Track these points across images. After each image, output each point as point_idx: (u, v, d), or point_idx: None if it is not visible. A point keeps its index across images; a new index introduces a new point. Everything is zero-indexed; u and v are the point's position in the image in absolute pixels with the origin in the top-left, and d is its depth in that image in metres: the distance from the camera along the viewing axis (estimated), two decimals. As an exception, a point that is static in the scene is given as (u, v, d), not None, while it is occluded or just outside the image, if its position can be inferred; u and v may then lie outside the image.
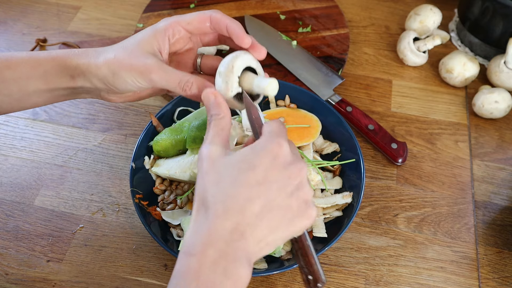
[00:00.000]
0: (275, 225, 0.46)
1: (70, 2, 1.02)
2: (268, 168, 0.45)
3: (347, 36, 0.94)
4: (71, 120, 0.84)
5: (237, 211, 0.44)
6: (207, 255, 0.43)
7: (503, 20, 0.85)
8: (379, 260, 0.69)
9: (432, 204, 0.74)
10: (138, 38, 0.57)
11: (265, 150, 0.46)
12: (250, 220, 0.44)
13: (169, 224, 0.68)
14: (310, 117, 0.75)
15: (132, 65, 0.55)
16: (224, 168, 0.46)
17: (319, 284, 0.50)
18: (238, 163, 0.46)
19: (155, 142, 0.71)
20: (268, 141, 0.47)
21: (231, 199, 0.44)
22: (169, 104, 0.76)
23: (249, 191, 0.44)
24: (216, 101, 0.51)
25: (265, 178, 0.45)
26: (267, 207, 0.45)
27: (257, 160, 0.45)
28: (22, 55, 0.58)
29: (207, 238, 0.44)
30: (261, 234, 0.45)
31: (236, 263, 0.43)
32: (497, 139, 0.82)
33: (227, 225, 0.44)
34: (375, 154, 0.80)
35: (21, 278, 0.67)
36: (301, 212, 0.47)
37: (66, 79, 0.58)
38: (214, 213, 0.44)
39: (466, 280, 0.68)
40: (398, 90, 0.88)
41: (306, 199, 0.47)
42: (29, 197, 0.75)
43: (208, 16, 0.57)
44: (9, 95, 0.58)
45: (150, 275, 0.67)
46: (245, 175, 0.45)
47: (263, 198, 0.45)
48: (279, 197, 0.45)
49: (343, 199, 0.69)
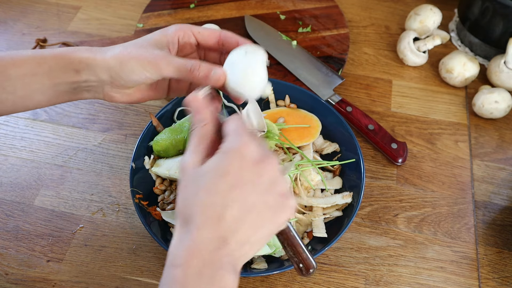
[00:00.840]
0: (256, 224, 0.46)
1: (70, 2, 1.02)
2: (239, 170, 0.45)
3: (347, 36, 0.94)
4: (71, 120, 0.84)
5: (216, 219, 0.44)
6: (191, 265, 0.44)
7: (503, 20, 0.85)
8: (379, 260, 0.69)
9: (432, 204, 0.74)
10: (148, 37, 0.58)
11: (233, 153, 0.46)
12: (231, 226, 0.45)
13: (169, 224, 0.68)
14: (310, 117, 0.75)
15: (141, 55, 0.55)
16: (200, 178, 0.46)
17: (311, 270, 0.52)
18: (212, 170, 0.46)
19: (155, 142, 0.71)
20: (234, 142, 0.47)
21: (209, 208, 0.45)
22: (169, 104, 0.76)
23: (225, 197, 0.45)
24: (201, 106, 0.51)
25: (238, 181, 0.45)
26: (244, 209, 0.45)
27: (227, 165, 0.46)
28: (27, 53, 0.59)
29: (190, 249, 0.44)
30: (243, 237, 0.45)
31: (221, 270, 0.44)
32: (497, 139, 0.82)
33: (209, 234, 0.44)
34: (375, 154, 0.80)
35: (21, 278, 0.67)
36: (279, 206, 0.47)
37: (71, 74, 0.58)
38: (195, 224, 0.45)
39: (466, 280, 0.68)
40: (398, 90, 0.88)
41: (281, 192, 0.47)
42: (29, 197, 0.75)
43: (219, 33, 0.59)
44: (14, 93, 0.58)
45: (150, 275, 0.67)
46: (219, 182, 0.45)
47: (240, 201, 0.45)
48: (255, 197, 0.46)
49: (343, 199, 0.69)
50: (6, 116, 0.84)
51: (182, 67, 0.55)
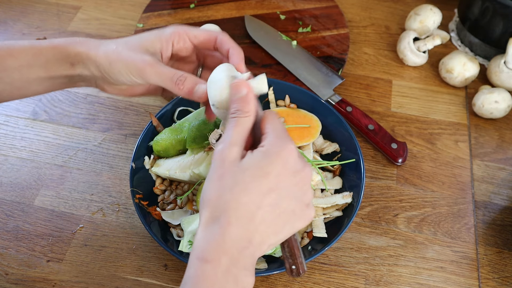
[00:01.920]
0: (279, 229, 0.47)
1: (70, 2, 1.02)
2: (279, 174, 0.46)
3: (347, 36, 0.94)
4: (71, 120, 0.84)
5: (248, 219, 0.45)
6: (221, 263, 0.44)
7: (503, 20, 0.85)
8: (379, 260, 0.69)
9: (432, 204, 0.74)
10: (142, 37, 0.58)
11: (276, 156, 0.46)
12: (258, 226, 0.45)
13: (169, 224, 0.68)
14: (310, 117, 0.75)
15: (128, 58, 0.55)
16: (239, 173, 0.45)
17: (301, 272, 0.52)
18: (252, 169, 0.45)
19: (155, 142, 0.71)
20: (279, 146, 0.47)
21: (243, 206, 0.45)
22: (169, 104, 0.76)
23: (261, 198, 0.45)
24: (248, 96, 0.49)
25: (276, 184, 0.46)
26: (274, 213, 0.46)
27: (269, 167, 0.46)
28: (24, 43, 0.59)
29: (221, 245, 0.44)
30: (265, 238, 0.46)
31: (245, 271, 0.45)
32: (497, 139, 0.82)
33: (239, 232, 0.44)
34: (375, 154, 0.80)
35: (21, 278, 0.67)
36: (302, 215, 0.48)
37: (66, 67, 0.58)
38: (227, 220, 0.44)
39: (466, 280, 0.68)
40: (398, 90, 0.88)
41: (307, 203, 0.49)
42: (29, 197, 0.75)
43: (215, 36, 0.58)
44: (11, 83, 0.59)
45: (150, 275, 0.67)
46: (258, 182, 0.45)
47: (273, 205, 0.46)
48: (286, 203, 0.46)
49: (343, 199, 0.69)
50: (6, 116, 0.84)
51: (167, 78, 0.55)
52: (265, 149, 0.47)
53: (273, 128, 0.48)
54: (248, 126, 0.48)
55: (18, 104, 0.85)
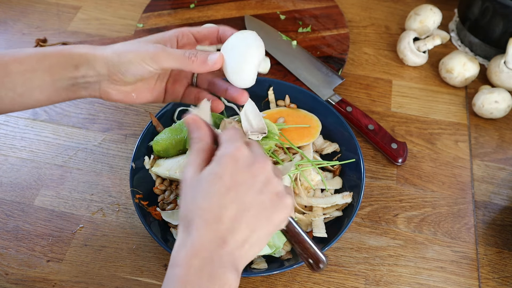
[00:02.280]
0: (254, 224, 0.47)
1: (70, 2, 1.02)
2: (233, 172, 0.47)
3: (347, 36, 0.94)
4: (71, 120, 0.84)
5: (214, 220, 0.46)
6: (192, 264, 0.45)
7: (503, 20, 0.85)
8: (379, 260, 0.69)
9: (432, 204, 0.74)
10: (147, 38, 0.60)
11: (226, 157, 0.48)
12: (228, 225, 0.46)
13: (169, 224, 0.68)
14: (310, 117, 0.75)
15: (140, 48, 0.57)
16: (198, 184, 0.48)
17: (321, 264, 0.52)
18: (207, 176, 0.48)
19: (155, 142, 0.71)
20: (227, 148, 0.49)
21: (207, 211, 0.46)
22: (169, 104, 0.76)
23: (221, 198, 0.47)
24: (196, 125, 0.53)
25: (232, 182, 0.47)
26: (241, 209, 0.47)
27: (221, 168, 0.47)
28: (29, 50, 0.60)
29: (191, 250, 0.46)
30: (242, 236, 0.47)
31: (222, 268, 0.45)
32: (497, 139, 0.82)
33: (208, 235, 0.46)
34: (375, 154, 0.80)
35: (21, 278, 0.67)
36: (275, 205, 0.49)
37: (70, 69, 0.59)
38: (195, 227, 0.46)
39: (466, 280, 0.68)
40: (398, 90, 0.88)
41: (276, 192, 0.49)
42: (29, 197, 0.75)
43: (217, 28, 0.61)
44: (13, 89, 0.59)
45: (150, 275, 0.67)
46: (214, 185, 0.47)
47: (236, 201, 0.47)
48: (250, 197, 0.47)
49: (343, 199, 0.69)
50: (6, 116, 0.84)
51: (180, 56, 0.57)
52: (216, 156, 0.49)
53: (224, 138, 0.51)
54: (201, 148, 0.51)
55: (18, 104, 0.86)
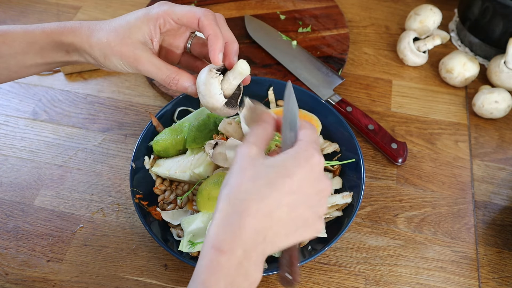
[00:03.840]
0: (291, 233, 0.47)
1: (70, 2, 1.02)
2: (303, 179, 0.46)
3: (347, 36, 0.94)
4: (71, 120, 0.84)
5: (267, 214, 0.45)
6: (235, 255, 0.44)
7: (503, 20, 0.85)
8: (379, 260, 0.69)
9: (432, 204, 0.74)
10: (130, 22, 0.59)
11: (305, 161, 0.46)
12: (274, 225, 0.45)
13: (169, 224, 0.68)
14: (310, 117, 0.75)
15: (122, 53, 0.58)
16: (263, 168, 0.46)
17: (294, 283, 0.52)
18: (277, 166, 0.46)
19: (155, 142, 0.71)
20: (308, 152, 0.47)
21: (265, 200, 0.44)
22: (169, 104, 0.76)
23: (282, 197, 0.45)
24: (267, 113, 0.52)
25: (298, 188, 0.46)
26: (290, 215, 0.46)
27: (295, 169, 0.46)
28: (17, 30, 0.60)
29: (238, 235, 0.44)
30: (277, 240, 0.46)
31: (255, 266, 0.45)
32: (497, 139, 0.82)
33: (256, 225, 0.44)
34: (375, 154, 0.80)
35: (21, 278, 0.67)
36: (312, 225, 0.48)
37: (62, 54, 0.60)
38: (247, 210, 0.44)
39: (466, 280, 0.68)
40: (398, 90, 0.88)
41: (320, 215, 0.49)
42: (29, 197, 0.75)
43: (198, 18, 0.59)
44: (7, 69, 0.61)
45: (150, 275, 0.67)
46: (281, 180, 0.45)
47: (291, 206, 0.46)
48: (303, 209, 0.47)
49: (343, 199, 0.69)
50: (6, 116, 0.84)
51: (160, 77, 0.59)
52: (295, 151, 0.47)
53: (307, 136, 0.49)
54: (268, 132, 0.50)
55: (18, 104, 0.86)
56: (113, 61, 0.58)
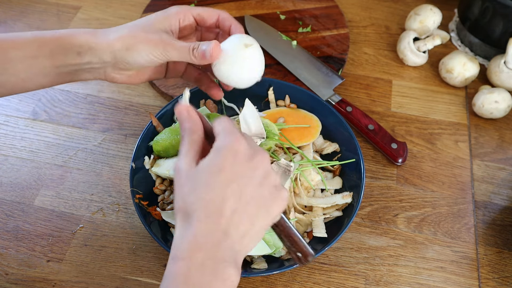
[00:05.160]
0: (254, 216, 0.47)
1: (70, 2, 1.02)
2: (233, 164, 0.47)
3: (347, 36, 0.94)
4: (71, 120, 0.84)
5: (216, 212, 0.46)
6: (194, 258, 0.45)
7: (503, 20, 0.85)
8: (379, 260, 0.69)
9: (432, 204, 0.74)
10: (151, 18, 0.60)
11: (226, 149, 0.48)
12: (230, 218, 0.46)
13: (169, 224, 0.68)
14: (310, 117, 0.75)
15: (148, 38, 0.58)
16: (197, 176, 0.48)
17: (309, 258, 0.53)
18: (208, 168, 0.47)
19: (155, 142, 0.71)
20: (226, 140, 0.49)
21: (209, 202, 0.46)
22: (169, 104, 0.76)
23: (223, 191, 0.46)
24: (189, 115, 0.52)
25: (233, 175, 0.47)
26: (242, 201, 0.47)
27: (222, 160, 0.47)
28: (27, 35, 0.59)
29: (193, 242, 0.45)
30: (243, 229, 0.47)
31: (224, 263, 0.45)
32: (497, 139, 0.82)
33: (211, 227, 0.46)
34: (375, 154, 0.80)
35: (21, 278, 0.67)
36: (273, 198, 0.49)
37: (73, 56, 0.59)
38: (196, 218, 0.46)
39: (466, 280, 0.68)
40: (398, 90, 0.88)
41: (275, 184, 0.49)
42: (29, 197, 0.75)
43: (217, 14, 0.63)
44: (16, 75, 0.59)
45: (150, 275, 0.67)
46: (216, 177, 0.47)
47: (237, 194, 0.47)
48: (251, 189, 0.47)
49: (343, 199, 0.69)
50: (6, 116, 0.84)
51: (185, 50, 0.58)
52: (215, 147, 0.49)
53: (220, 128, 0.50)
54: (195, 139, 0.51)
55: (18, 104, 0.86)
56: (138, 48, 0.57)
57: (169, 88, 0.85)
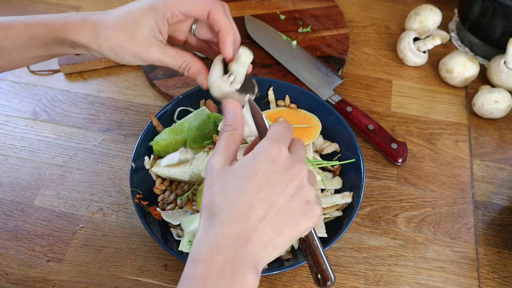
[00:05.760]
0: (280, 228, 0.46)
1: (70, 2, 1.02)
2: (268, 172, 0.46)
3: (347, 36, 0.94)
4: (71, 120, 0.84)
5: (241, 217, 0.45)
6: (214, 261, 0.44)
7: (503, 20, 0.85)
8: (379, 260, 0.69)
9: (432, 204, 0.74)
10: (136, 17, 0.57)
11: (264, 156, 0.47)
12: (255, 225, 0.45)
13: (169, 224, 0.68)
14: (310, 117, 0.75)
15: (134, 50, 0.57)
16: (229, 176, 0.47)
17: (329, 282, 0.51)
18: (241, 170, 0.47)
19: (155, 142, 0.71)
20: (267, 147, 0.48)
21: (236, 206, 0.45)
22: (169, 104, 0.76)
23: (252, 197, 0.45)
24: (235, 112, 0.52)
25: (266, 183, 0.46)
26: (270, 211, 0.46)
27: (257, 166, 0.46)
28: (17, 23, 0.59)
29: (213, 244, 0.44)
30: (266, 238, 0.46)
31: (243, 268, 0.44)
32: (497, 139, 0.82)
33: (233, 231, 0.45)
34: (375, 154, 0.80)
35: (21, 278, 0.67)
36: (304, 213, 0.48)
37: (66, 48, 0.60)
38: (220, 220, 0.45)
39: (466, 280, 0.68)
40: (398, 90, 0.88)
41: (307, 199, 0.48)
42: (29, 197, 0.75)
43: (208, 10, 0.58)
44: (10, 60, 0.61)
45: (150, 275, 0.67)
46: (247, 182, 0.46)
47: (266, 202, 0.46)
48: (281, 200, 0.46)
49: (343, 199, 0.69)
50: (6, 116, 0.84)
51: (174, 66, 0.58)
52: (254, 150, 0.48)
53: (270, 133, 0.50)
54: (234, 138, 0.50)
55: (18, 104, 0.86)
56: (125, 58, 0.58)
57: (169, 88, 0.85)
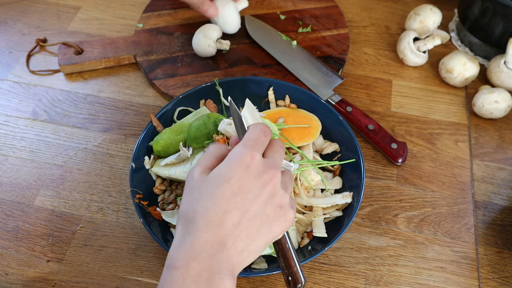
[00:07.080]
0: (255, 233, 0.47)
1: (70, 2, 1.02)
2: (241, 178, 0.47)
3: (347, 36, 0.94)
4: (71, 120, 0.84)
5: (216, 224, 0.46)
6: (190, 268, 0.44)
7: (503, 20, 0.85)
8: (379, 260, 0.69)
9: (432, 204, 0.74)
10: None
11: (237, 162, 0.48)
12: (230, 231, 0.46)
13: (169, 224, 0.68)
14: (310, 117, 0.75)
15: None
16: (204, 184, 0.48)
17: (299, 285, 0.53)
18: (215, 177, 0.48)
19: (155, 142, 0.71)
20: (240, 153, 0.49)
21: (210, 212, 0.46)
22: (169, 104, 0.76)
23: (226, 203, 0.46)
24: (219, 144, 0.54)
25: (239, 189, 0.47)
26: (244, 217, 0.47)
27: (230, 172, 0.47)
28: None
29: (190, 251, 0.45)
30: (242, 244, 0.47)
31: (219, 275, 0.45)
32: (497, 139, 0.82)
33: (209, 237, 0.45)
34: (375, 154, 0.80)
35: (21, 278, 0.67)
36: (277, 217, 0.49)
37: None
38: (196, 227, 0.46)
39: (466, 280, 0.68)
40: (398, 90, 0.88)
41: (281, 204, 0.49)
42: (29, 197, 0.75)
43: None
44: None
45: (150, 275, 0.67)
46: (221, 188, 0.47)
47: (240, 208, 0.47)
48: (255, 206, 0.47)
49: (343, 199, 0.69)
50: (6, 116, 0.84)
51: None
52: (228, 157, 0.49)
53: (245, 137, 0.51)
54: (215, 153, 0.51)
55: (18, 104, 0.86)
56: None
57: (169, 88, 0.85)
